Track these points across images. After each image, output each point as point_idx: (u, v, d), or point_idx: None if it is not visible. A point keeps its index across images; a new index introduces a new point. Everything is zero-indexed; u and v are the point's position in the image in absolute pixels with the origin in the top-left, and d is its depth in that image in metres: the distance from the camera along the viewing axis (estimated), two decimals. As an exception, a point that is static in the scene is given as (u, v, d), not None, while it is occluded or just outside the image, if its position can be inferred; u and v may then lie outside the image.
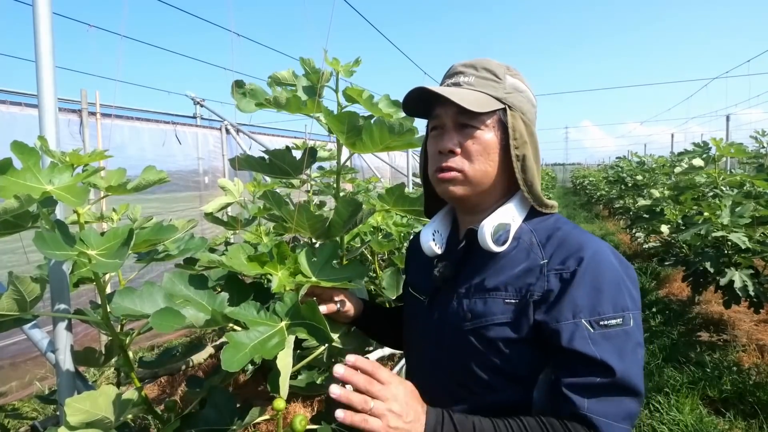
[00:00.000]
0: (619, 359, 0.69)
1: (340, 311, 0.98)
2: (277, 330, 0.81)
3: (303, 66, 1.17)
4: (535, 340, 0.75)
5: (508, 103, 0.81)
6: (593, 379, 0.69)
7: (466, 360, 0.80)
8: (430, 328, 0.88)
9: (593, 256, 0.74)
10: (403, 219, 2.24)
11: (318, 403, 2.81)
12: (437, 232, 0.92)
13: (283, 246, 0.90)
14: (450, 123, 0.82)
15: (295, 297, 0.85)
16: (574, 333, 0.71)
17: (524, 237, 0.81)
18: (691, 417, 2.71)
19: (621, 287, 0.73)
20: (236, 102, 1.09)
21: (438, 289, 0.88)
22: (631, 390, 0.70)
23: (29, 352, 3.22)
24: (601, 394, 0.69)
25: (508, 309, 0.77)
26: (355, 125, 0.98)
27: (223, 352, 0.72)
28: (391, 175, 8.44)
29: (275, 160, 1.17)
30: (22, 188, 0.75)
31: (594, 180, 16.89)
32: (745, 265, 3.44)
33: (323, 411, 1.08)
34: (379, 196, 1.30)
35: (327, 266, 0.96)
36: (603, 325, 0.71)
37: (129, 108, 4.42)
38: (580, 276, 0.73)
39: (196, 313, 0.82)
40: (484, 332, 0.78)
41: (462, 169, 0.81)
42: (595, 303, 0.72)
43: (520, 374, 0.77)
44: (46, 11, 0.87)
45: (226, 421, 0.93)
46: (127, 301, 0.83)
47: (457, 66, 0.86)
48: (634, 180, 8.15)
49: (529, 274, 0.77)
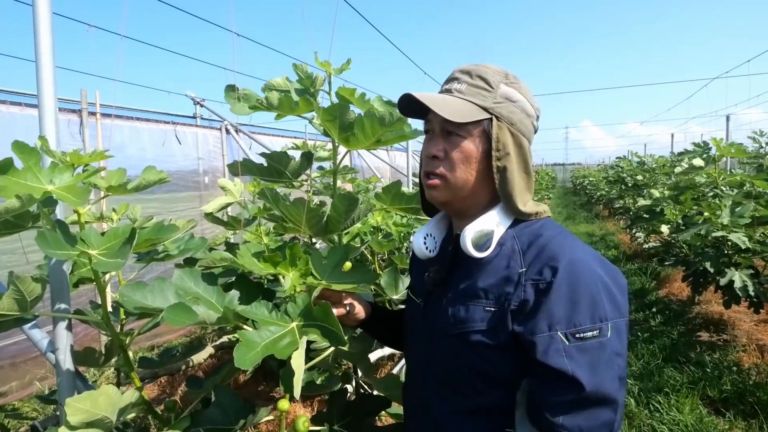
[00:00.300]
0: (591, 373, 0.69)
1: (350, 314, 0.99)
2: (288, 330, 0.82)
3: (296, 71, 1.18)
4: (513, 346, 0.76)
5: (496, 113, 0.81)
6: (565, 396, 0.70)
7: (454, 363, 0.81)
8: (424, 331, 0.89)
9: (570, 265, 0.73)
10: (403, 219, 2.24)
11: (318, 403, 2.81)
12: (430, 235, 0.93)
13: (296, 248, 0.90)
14: (437, 129, 0.83)
15: (307, 298, 0.86)
16: (549, 346, 0.71)
17: (507, 243, 0.81)
18: (691, 417, 2.71)
19: (600, 296, 0.73)
20: (230, 106, 1.10)
21: (430, 293, 0.89)
22: (604, 400, 0.70)
23: (29, 352, 3.22)
24: (574, 410, 0.70)
25: (487, 316, 0.77)
26: (347, 119, 0.98)
27: (236, 350, 0.72)
28: (391, 175, 8.45)
29: (273, 164, 1.18)
30: (23, 188, 0.75)
31: (594, 180, 16.90)
32: (745, 265, 3.44)
33: (324, 411, 1.08)
34: (375, 195, 1.30)
35: (336, 269, 0.96)
36: (579, 338, 0.70)
37: (129, 108, 4.42)
38: (557, 287, 0.72)
39: (206, 311, 0.83)
40: (467, 338, 0.79)
41: (443, 175, 0.82)
42: (571, 314, 0.71)
43: (502, 378, 0.78)
44: (46, 11, 0.87)
45: (230, 420, 0.93)
46: (138, 294, 0.83)
47: (455, 72, 0.86)
48: (634, 180, 8.15)
49: (508, 282, 0.77)
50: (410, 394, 0.96)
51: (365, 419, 1.08)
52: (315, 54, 1.13)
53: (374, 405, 1.13)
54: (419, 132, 1.02)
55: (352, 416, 1.07)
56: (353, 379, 1.50)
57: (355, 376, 1.48)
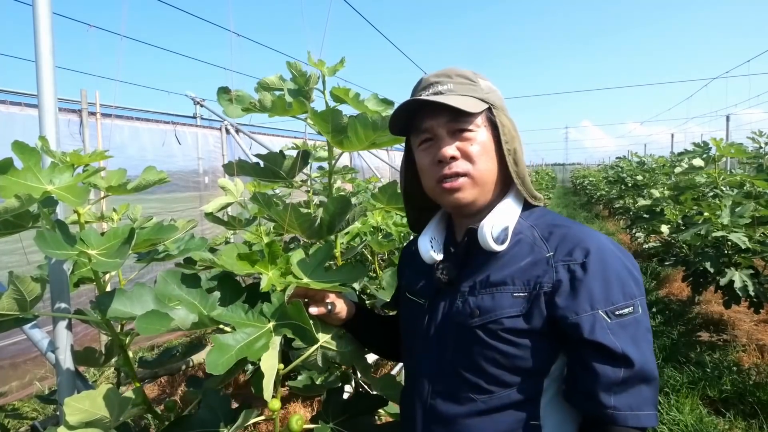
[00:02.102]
0: (636, 349, 0.71)
1: (331, 313, 0.97)
2: (264, 331, 0.81)
3: (290, 70, 1.17)
4: (548, 331, 0.75)
5: (490, 102, 0.83)
6: (616, 374, 0.70)
7: (473, 357, 0.80)
8: (432, 330, 0.87)
9: (598, 247, 0.76)
10: (403, 219, 2.24)
11: (318, 404, 2.82)
12: (434, 239, 0.92)
13: (274, 245, 0.90)
14: (443, 131, 0.82)
15: (282, 297, 0.85)
16: (594, 324, 0.72)
17: (526, 232, 0.82)
18: (691, 417, 2.71)
19: (627, 275, 0.75)
20: (223, 108, 1.09)
21: (439, 291, 0.88)
22: (648, 377, 0.72)
23: (29, 352, 3.22)
24: (624, 389, 0.71)
25: (517, 302, 0.77)
26: (340, 123, 0.98)
27: (208, 354, 0.72)
28: (391, 175, 8.45)
29: (269, 164, 1.17)
30: (23, 188, 0.75)
31: (594, 180, 16.90)
32: (745, 265, 3.44)
33: (321, 411, 1.08)
34: (372, 195, 1.30)
35: (320, 268, 0.95)
36: (618, 315, 0.72)
37: (129, 108, 4.42)
38: (591, 267, 0.74)
39: (185, 315, 0.81)
40: (494, 327, 0.77)
41: (467, 172, 0.81)
42: (608, 293, 0.73)
43: (531, 367, 0.77)
44: (46, 11, 0.87)
45: (220, 422, 0.92)
46: (117, 303, 0.82)
47: (429, 77, 0.86)
48: (634, 180, 8.15)
49: (536, 266, 0.77)
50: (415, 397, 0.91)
51: (361, 417, 1.08)
52: (308, 53, 1.12)
53: (371, 403, 1.12)
54: None
55: (348, 414, 1.07)
56: (352, 379, 1.50)
57: (355, 377, 1.48)
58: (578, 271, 0.74)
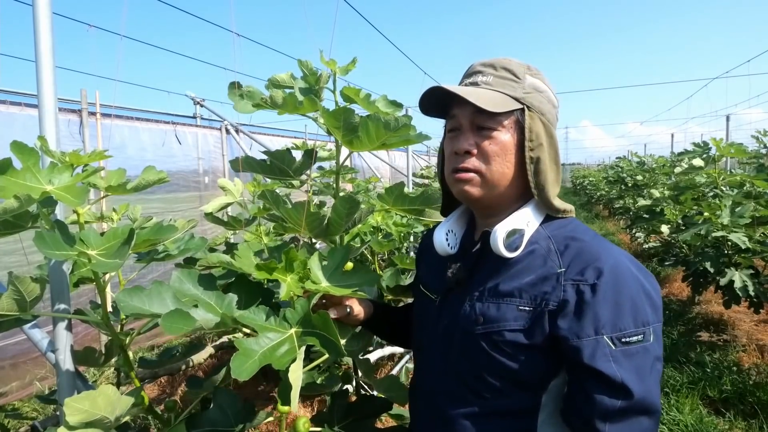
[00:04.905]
0: (639, 380, 0.68)
1: (350, 316, 0.97)
2: (286, 337, 0.80)
3: (301, 68, 1.17)
4: (549, 348, 0.74)
5: (527, 103, 0.79)
6: (613, 403, 0.68)
7: (475, 363, 0.79)
8: (440, 329, 0.86)
9: (613, 267, 0.72)
10: (403, 219, 2.24)
11: (318, 403, 2.81)
12: (451, 231, 0.90)
13: (292, 252, 0.89)
14: (466, 124, 0.81)
15: (306, 305, 0.83)
16: (596, 350, 0.69)
17: (541, 243, 0.79)
18: (691, 417, 2.71)
19: (642, 300, 0.72)
20: (234, 103, 1.09)
21: (450, 290, 0.87)
22: (649, 410, 0.70)
23: (29, 352, 3.22)
24: (621, 418, 0.69)
25: (522, 316, 0.75)
26: (352, 122, 0.98)
27: (233, 360, 0.71)
28: (391, 175, 8.45)
29: (275, 162, 1.17)
30: (22, 188, 0.75)
31: (594, 180, 16.88)
32: (745, 265, 3.44)
33: (324, 412, 1.08)
34: (378, 196, 1.30)
35: (337, 272, 0.94)
36: (624, 342, 0.69)
37: (129, 108, 4.42)
38: (602, 289, 0.71)
39: (204, 315, 0.81)
40: (496, 337, 0.76)
41: (478, 170, 0.79)
42: (616, 318, 0.70)
43: (529, 381, 0.76)
44: (46, 11, 0.87)
45: (230, 422, 0.92)
46: (135, 299, 0.81)
47: (476, 65, 0.84)
48: (634, 180, 8.14)
49: (545, 282, 0.75)
50: (420, 392, 0.92)
51: (366, 421, 1.07)
52: (320, 53, 1.12)
53: (376, 407, 1.12)
54: (424, 137, 1.01)
55: (353, 418, 1.06)
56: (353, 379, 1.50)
57: (356, 377, 1.48)
58: (587, 293, 0.71)
